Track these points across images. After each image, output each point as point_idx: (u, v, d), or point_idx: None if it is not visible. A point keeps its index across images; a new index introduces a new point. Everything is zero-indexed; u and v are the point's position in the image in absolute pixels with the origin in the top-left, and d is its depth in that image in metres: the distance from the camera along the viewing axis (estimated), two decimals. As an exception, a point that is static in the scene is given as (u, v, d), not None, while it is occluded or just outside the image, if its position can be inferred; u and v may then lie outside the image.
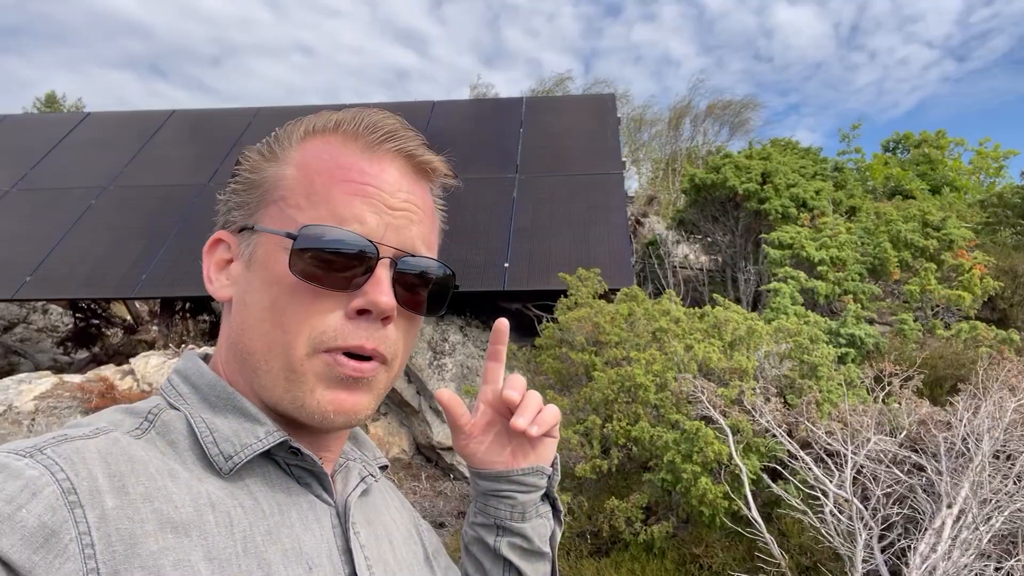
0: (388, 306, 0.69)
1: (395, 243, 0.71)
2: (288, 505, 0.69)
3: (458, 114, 9.84)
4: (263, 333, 0.69)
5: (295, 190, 0.71)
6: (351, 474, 0.81)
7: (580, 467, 4.37)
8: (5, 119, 10.58)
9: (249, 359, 0.70)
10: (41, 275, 7.49)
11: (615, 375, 4.55)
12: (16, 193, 8.78)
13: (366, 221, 0.69)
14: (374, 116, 0.74)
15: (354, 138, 0.73)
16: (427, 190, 0.79)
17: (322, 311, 0.68)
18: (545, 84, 22.04)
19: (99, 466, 0.58)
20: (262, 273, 0.70)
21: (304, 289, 0.68)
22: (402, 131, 0.75)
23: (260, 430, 0.69)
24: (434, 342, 6.96)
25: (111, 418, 0.67)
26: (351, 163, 0.72)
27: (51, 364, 9.03)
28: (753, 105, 21.54)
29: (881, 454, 3.85)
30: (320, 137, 0.74)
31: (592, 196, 7.97)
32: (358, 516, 0.78)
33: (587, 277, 5.86)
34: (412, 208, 0.74)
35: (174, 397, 0.71)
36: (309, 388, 0.68)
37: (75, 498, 0.54)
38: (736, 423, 4.26)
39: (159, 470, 0.61)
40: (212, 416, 0.69)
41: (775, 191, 8.23)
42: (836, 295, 7.00)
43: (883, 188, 13.35)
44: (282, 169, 0.73)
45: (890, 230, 7.64)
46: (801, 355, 5.01)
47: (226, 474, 0.66)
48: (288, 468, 0.72)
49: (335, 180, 0.71)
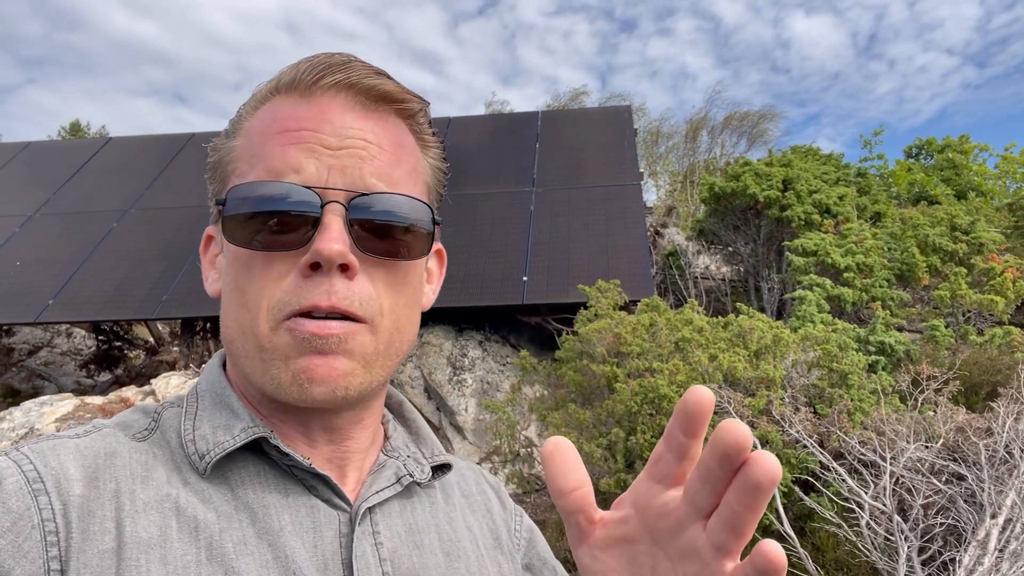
0: (333, 252, 0.60)
1: (343, 184, 0.62)
2: (280, 508, 0.62)
3: (474, 129, 9.84)
4: (234, 317, 0.64)
5: (240, 158, 0.67)
6: (384, 474, 0.71)
7: (604, 481, 4.26)
8: (29, 146, 10.76)
9: (231, 347, 0.66)
10: (64, 298, 7.55)
11: (638, 386, 4.45)
12: (40, 218, 8.89)
13: (302, 168, 0.62)
14: (313, 59, 0.66)
15: (292, 87, 0.66)
16: (386, 121, 0.68)
17: (276, 278, 0.62)
18: (560, 99, 22.09)
19: (73, 459, 0.58)
20: (227, 254, 0.66)
21: (257, 259, 0.62)
22: (346, 63, 0.66)
23: (237, 427, 0.63)
24: (453, 357, 6.89)
25: (125, 418, 0.66)
26: (286, 113, 0.65)
27: (75, 387, 9.09)
28: (771, 116, 21.42)
29: (918, 463, 3.71)
30: (268, 100, 0.68)
31: (610, 208, 7.90)
32: (391, 523, 0.68)
33: (607, 289, 5.77)
34: (360, 144, 0.64)
35: (190, 394, 0.70)
36: (281, 363, 0.61)
37: (40, 486, 0.55)
38: (765, 434, 4.13)
39: (133, 473, 0.59)
40: (208, 414, 0.66)
41: (797, 198, 8.10)
42: (863, 302, 6.84)
43: (907, 194, 13.13)
44: (233, 142, 0.69)
45: (917, 235, 7.47)
46: (830, 363, 4.87)
47: (203, 474, 0.62)
48: (289, 469, 0.65)
49: (270, 134, 0.65)
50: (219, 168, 0.70)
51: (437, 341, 7.00)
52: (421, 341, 7.08)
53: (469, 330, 7.31)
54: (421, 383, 6.85)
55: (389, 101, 0.68)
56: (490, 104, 22.73)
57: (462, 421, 6.48)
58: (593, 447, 4.38)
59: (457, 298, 6.85)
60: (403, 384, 6.86)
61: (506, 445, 5.34)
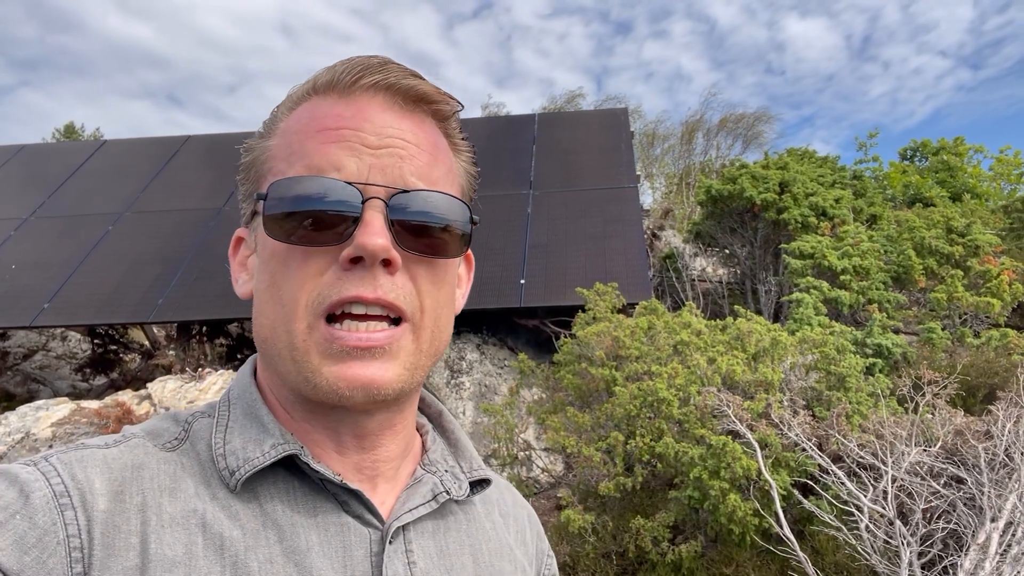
0: (377, 246, 0.60)
1: (383, 181, 0.63)
2: (308, 527, 0.62)
3: (471, 132, 9.62)
4: (269, 315, 0.63)
5: (278, 157, 0.66)
6: (419, 490, 0.69)
7: (604, 485, 4.26)
8: (24, 148, 10.72)
9: (264, 347, 0.65)
10: (59, 302, 7.51)
11: (637, 390, 4.44)
12: (35, 221, 8.85)
13: (344, 166, 0.62)
14: (351, 60, 0.67)
15: (330, 87, 0.67)
16: (424, 122, 0.68)
17: (316, 272, 0.61)
18: (556, 101, 22.09)
19: (99, 472, 0.57)
20: (262, 252, 0.66)
21: (295, 254, 0.62)
22: (384, 64, 0.66)
23: (267, 442, 0.63)
24: (451, 361, 6.88)
25: (155, 425, 0.66)
26: (325, 112, 0.65)
27: (70, 391, 9.05)
28: (766, 118, 21.45)
29: (917, 467, 3.71)
30: (304, 100, 0.68)
31: (607, 210, 7.90)
32: (423, 542, 0.67)
33: (605, 292, 5.77)
34: (399, 143, 0.65)
35: (222, 403, 0.69)
36: (315, 366, 0.61)
37: (67, 500, 0.55)
38: (764, 437, 4.13)
39: (161, 486, 0.59)
40: (238, 425, 0.65)
41: (794, 200, 8.11)
42: (860, 304, 6.85)
43: (902, 196, 13.18)
44: (269, 142, 0.69)
45: (913, 237, 7.49)
46: (828, 366, 4.87)
47: (233, 490, 0.61)
48: (321, 483, 0.64)
49: (310, 133, 0.65)
50: (254, 167, 0.69)
51: (435, 344, 7.00)
52: (418, 344, 7.07)
53: (467, 333, 7.30)
54: (419, 386, 6.85)
55: (427, 102, 0.68)
56: (486, 106, 22.72)
57: (460, 424, 6.47)
58: (592, 450, 4.37)
59: (455, 301, 6.83)
60: (401, 387, 6.85)
61: (504, 448, 5.33)
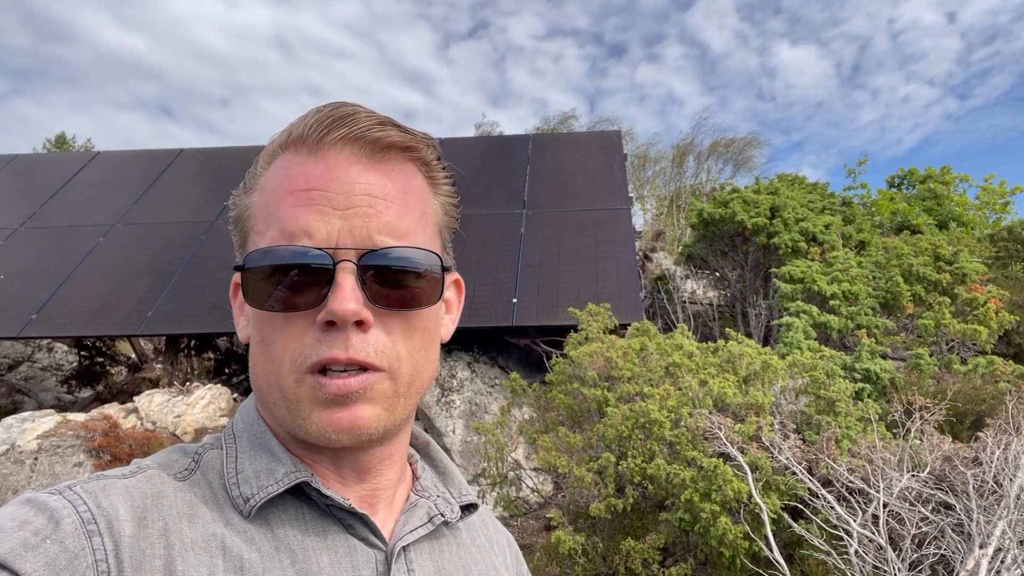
0: (347, 311, 0.62)
1: (352, 243, 0.65)
2: (319, 549, 0.65)
3: (465, 151, 9.90)
4: (262, 367, 0.68)
5: (257, 216, 0.69)
6: (416, 513, 0.74)
7: (594, 506, 4.25)
8: (15, 159, 10.68)
9: (260, 394, 0.70)
10: (47, 313, 7.46)
11: (628, 411, 4.45)
12: (25, 231, 8.81)
13: (314, 232, 0.64)
14: (322, 112, 0.68)
15: (302, 142, 0.68)
16: (393, 170, 0.69)
17: (296, 334, 0.65)
18: (550, 122, 22.28)
19: (122, 500, 0.60)
20: (250, 308, 0.70)
21: (277, 317, 0.66)
22: (351, 116, 0.67)
23: (280, 471, 0.67)
24: (442, 378, 6.87)
25: (165, 458, 0.69)
26: (296, 171, 0.67)
27: (55, 403, 8.94)
28: (756, 143, 21.72)
29: (906, 492, 3.73)
30: (280, 155, 0.70)
31: (600, 231, 7.95)
32: (422, 562, 0.71)
33: (597, 312, 5.79)
34: (367, 200, 0.66)
35: (227, 435, 0.72)
36: (306, 413, 0.65)
37: (94, 527, 0.57)
38: (755, 460, 4.14)
39: (180, 512, 0.62)
40: (248, 456, 0.69)
41: (784, 225, 8.19)
42: (849, 329, 6.91)
43: (890, 223, 13.33)
44: (250, 197, 0.72)
45: (901, 264, 7.58)
46: (818, 390, 4.90)
47: (247, 516, 0.65)
48: (328, 509, 0.68)
49: (283, 194, 0.67)
50: (239, 223, 0.73)
51: (425, 362, 6.98)
52: (409, 362, 7.05)
53: (458, 351, 7.30)
54: (409, 404, 6.82)
55: (396, 149, 0.69)
56: (480, 125, 22.88)
57: (449, 443, 6.45)
58: (583, 471, 4.36)
59: (446, 319, 6.84)
60: (390, 405, 6.82)
61: (494, 467, 5.31)
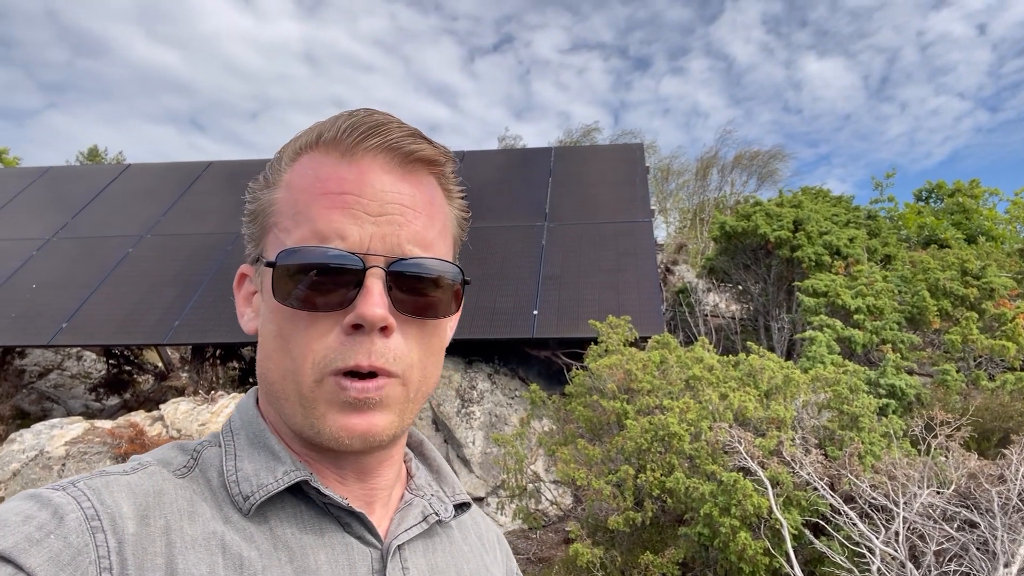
0: (376, 317, 0.65)
1: (383, 250, 0.67)
2: (317, 547, 0.66)
3: (487, 164, 9.96)
4: (276, 362, 0.68)
5: (283, 213, 0.70)
6: (411, 512, 0.75)
7: (613, 519, 4.23)
8: (49, 171, 10.94)
9: (271, 389, 0.70)
10: (76, 322, 7.62)
11: (648, 424, 4.44)
12: (57, 241, 9.01)
13: (347, 235, 0.66)
14: (354, 117, 0.70)
15: (333, 145, 0.70)
16: (422, 182, 0.72)
17: (321, 334, 0.66)
18: (573, 135, 22.32)
19: (125, 497, 0.61)
20: (269, 302, 0.69)
21: (302, 315, 0.66)
22: (384, 125, 0.70)
23: (279, 469, 0.67)
24: (462, 390, 6.89)
25: (164, 455, 0.69)
26: (329, 173, 0.69)
27: (83, 410, 9.11)
28: (781, 156, 21.56)
29: (929, 509, 3.68)
30: (306, 153, 0.72)
31: (621, 244, 7.95)
32: (416, 560, 0.73)
33: (617, 324, 5.79)
34: (398, 209, 0.69)
35: (225, 433, 0.73)
36: (320, 414, 0.66)
37: (97, 523, 0.58)
38: (775, 475, 4.10)
39: (180, 509, 0.63)
40: (246, 454, 0.69)
41: (808, 239, 8.13)
42: (874, 344, 6.82)
43: (917, 237, 13.15)
44: (273, 194, 0.72)
45: (928, 278, 7.48)
46: (840, 405, 4.85)
47: (247, 514, 0.65)
48: (325, 507, 0.69)
49: (314, 195, 0.68)
50: (259, 217, 0.73)
51: (446, 373, 7.01)
52: (430, 373, 7.09)
53: (478, 362, 7.32)
54: (429, 414, 6.85)
55: (425, 163, 0.72)
56: (503, 139, 22.99)
57: (469, 454, 6.46)
58: (602, 484, 4.36)
59: (467, 330, 6.88)
60: (411, 415, 6.85)
61: (513, 479, 5.31)
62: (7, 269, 8.47)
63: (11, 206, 9.88)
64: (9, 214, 9.69)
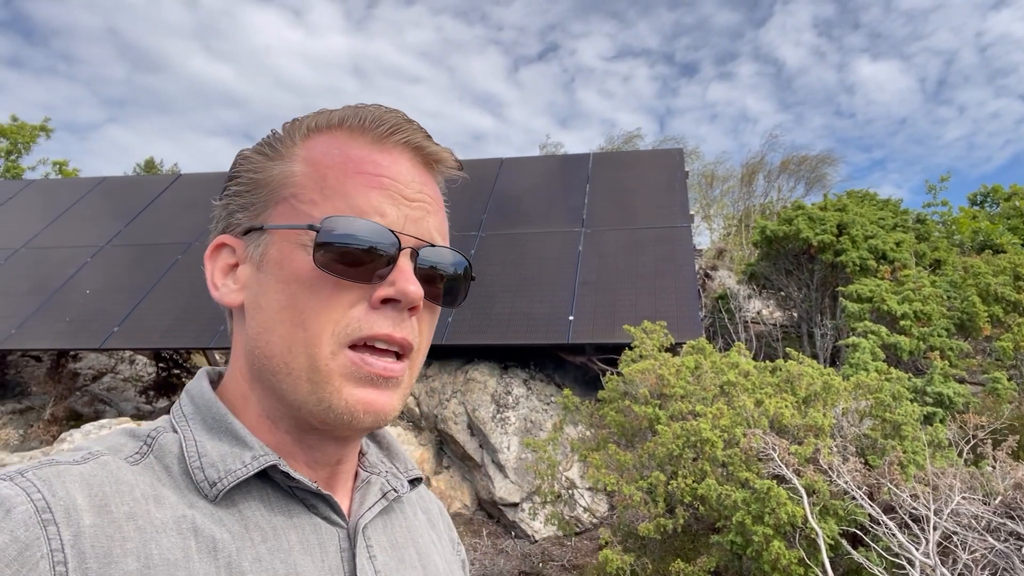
0: (417, 295, 0.67)
1: (414, 233, 0.70)
2: (287, 528, 0.66)
3: (525, 170, 9.99)
4: (282, 334, 0.67)
5: (306, 186, 0.70)
6: (371, 490, 0.76)
7: (644, 526, 4.19)
8: (104, 181, 11.37)
9: (268, 363, 0.68)
10: (128, 326, 7.88)
11: (680, 429, 4.38)
12: (111, 248, 9.35)
13: (386, 213, 0.68)
14: (377, 110, 0.73)
15: (360, 132, 0.72)
16: (433, 181, 0.76)
17: (345, 304, 0.66)
18: (614, 142, 22.22)
19: (79, 488, 0.58)
20: (277, 272, 0.68)
21: (326, 283, 0.66)
22: (406, 124, 0.73)
23: (247, 455, 0.66)
24: (497, 395, 6.91)
25: (113, 442, 0.66)
26: (363, 155, 0.70)
27: (134, 412, 9.40)
28: (830, 160, 21.09)
29: (973, 520, 3.54)
30: (325, 133, 0.73)
31: (659, 249, 7.88)
32: (378, 537, 0.74)
33: (653, 330, 5.74)
34: (426, 199, 0.73)
35: (178, 418, 0.70)
36: (335, 387, 0.66)
37: (49, 516, 0.54)
38: (811, 483, 4.01)
39: (144, 494, 0.61)
40: (206, 439, 0.67)
41: (852, 243, 7.94)
42: (921, 351, 6.61)
43: (971, 242, 12.71)
44: (289, 166, 0.71)
45: (979, 283, 7.22)
46: (883, 413, 4.71)
47: (213, 500, 0.64)
48: (290, 489, 0.69)
49: (348, 173, 0.69)
50: (266, 188, 0.72)
51: (482, 378, 7.04)
52: (466, 378, 7.12)
53: (514, 368, 7.33)
54: (465, 419, 6.88)
55: (443, 164, 0.76)
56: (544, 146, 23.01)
57: (504, 459, 6.47)
58: (633, 490, 4.31)
59: (503, 336, 6.89)
60: (447, 420, 6.89)
61: (546, 485, 5.30)
62: (63, 275, 8.81)
63: (68, 215, 10.29)
64: (66, 222, 10.10)
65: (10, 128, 20.03)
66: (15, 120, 20.21)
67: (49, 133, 20.75)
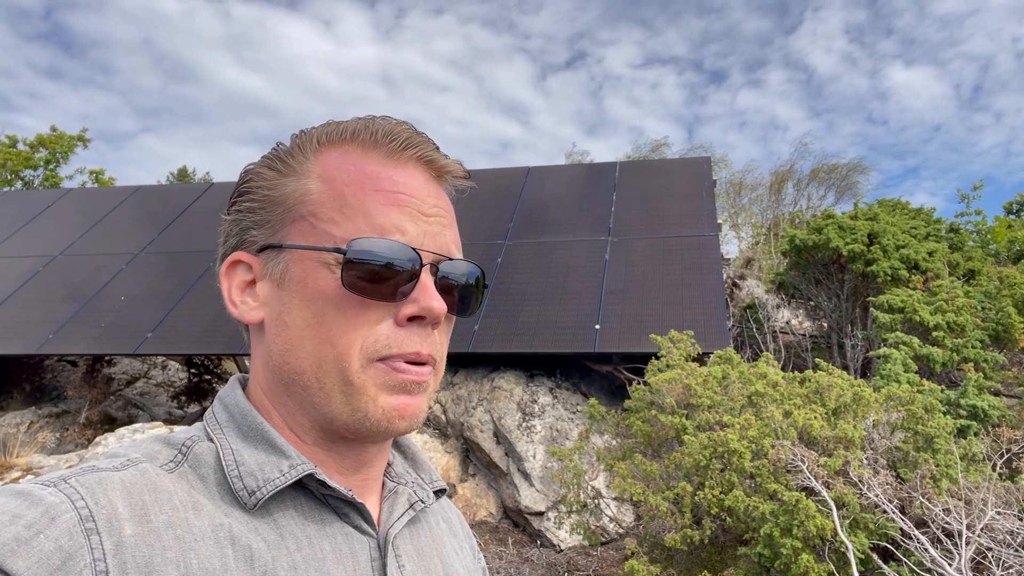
0: (441, 311, 0.69)
1: (433, 248, 0.71)
2: (320, 537, 0.68)
3: (552, 179, 10.01)
4: (311, 351, 0.68)
5: (324, 204, 0.70)
6: (399, 500, 0.78)
7: (670, 536, 4.17)
8: (139, 190, 11.61)
9: (298, 379, 0.68)
10: (161, 332, 8.03)
11: (707, 440, 4.35)
12: (144, 256, 9.54)
13: (406, 230, 0.69)
14: (387, 124, 0.74)
15: (373, 146, 0.73)
16: (445, 193, 0.78)
17: (371, 321, 0.68)
18: (641, 150, 22.17)
19: (120, 496, 0.58)
20: (300, 290, 0.69)
21: (351, 302, 0.67)
22: (417, 137, 0.74)
23: (284, 463, 0.67)
24: (523, 403, 6.91)
25: (148, 449, 0.67)
26: (378, 172, 0.71)
27: (166, 417, 9.58)
28: (861, 168, 20.85)
29: (1008, 536, 3.47)
30: (337, 147, 0.73)
31: (686, 258, 7.84)
32: (406, 547, 0.75)
33: (679, 339, 5.71)
34: (442, 213, 0.74)
35: (212, 426, 0.71)
36: (371, 397, 0.68)
37: (92, 525, 0.55)
38: (841, 496, 3.96)
39: (183, 502, 0.61)
40: (243, 447, 0.68)
41: (883, 252, 7.82)
42: (954, 363, 6.49)
43: (1007, 252, 12.45)
44: (304, 183, 0.72)
45: (1014, 294, 7.08)
46: (915, 425, 4.64)
47: (252, 508, 0.65)
48: (324, 498, 0.70)
49: (367, 191, 0.70)
50: (282, 206, 0.72)
51: (508, 386, 7.05)
52: (492, 386, 7.14)
53: (540, 376, 7.34)
54: (491, 427, 6.89)
55: (454, 177, 0.78)
56: (570, 154, 23.05)
57: (529, 468, 6.47)
58: (659, 500, 4.30)
59: (529, 344, 6.91)
60: (473, 428, 6.91)
61: (572, 494, 5.29)
62: (99, 282, 9.01)
63: (104, 223, 10.53)
64: (102, 230, 10.33)
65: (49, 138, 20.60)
66: (54, 130, 20.79)
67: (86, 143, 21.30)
